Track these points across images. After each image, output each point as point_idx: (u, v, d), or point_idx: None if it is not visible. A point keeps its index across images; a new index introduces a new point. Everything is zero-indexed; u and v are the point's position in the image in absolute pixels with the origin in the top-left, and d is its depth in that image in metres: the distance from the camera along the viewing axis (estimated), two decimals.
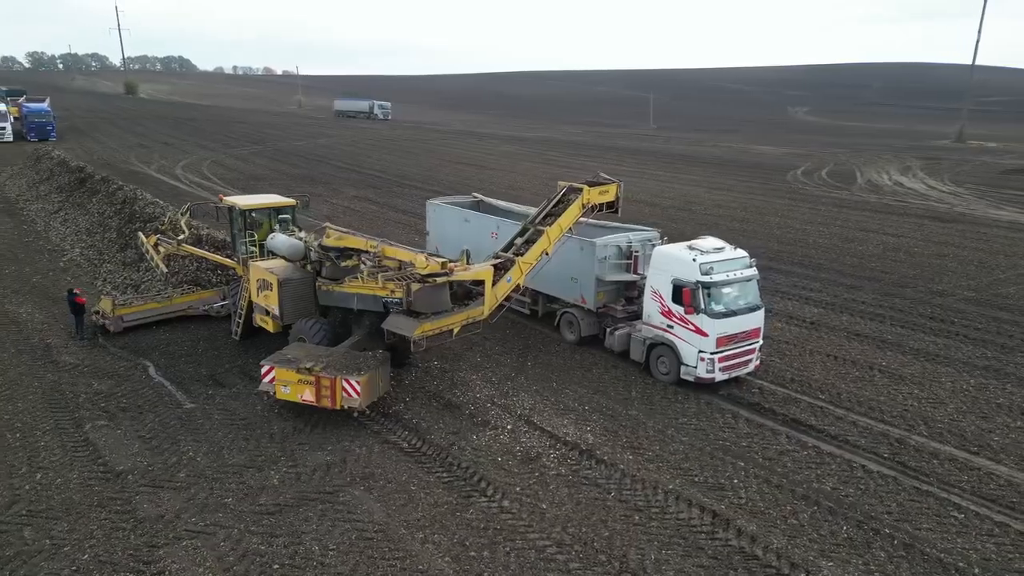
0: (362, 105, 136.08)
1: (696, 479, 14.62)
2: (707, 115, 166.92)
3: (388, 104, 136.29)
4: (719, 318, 18.35)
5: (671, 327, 19.12)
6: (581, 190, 20.24)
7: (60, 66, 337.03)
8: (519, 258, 18.86)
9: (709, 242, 19.64)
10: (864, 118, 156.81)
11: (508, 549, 12.27)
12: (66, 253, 31.89)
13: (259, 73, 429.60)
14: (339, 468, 14.66)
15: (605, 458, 15.29)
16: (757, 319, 19.24)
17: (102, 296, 23.10)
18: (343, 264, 18.92)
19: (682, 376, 18.89)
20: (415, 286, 16.73)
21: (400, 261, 17.85)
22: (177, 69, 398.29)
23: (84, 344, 21.18)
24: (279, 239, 19.73)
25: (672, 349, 19.07)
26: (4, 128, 74.85)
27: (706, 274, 18.33)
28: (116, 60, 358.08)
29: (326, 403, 16.02)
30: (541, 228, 19.57)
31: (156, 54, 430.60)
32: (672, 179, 61.45)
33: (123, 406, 17.21)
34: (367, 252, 18.38)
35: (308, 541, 12.26)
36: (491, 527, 12.85)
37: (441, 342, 17.72)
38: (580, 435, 16.27)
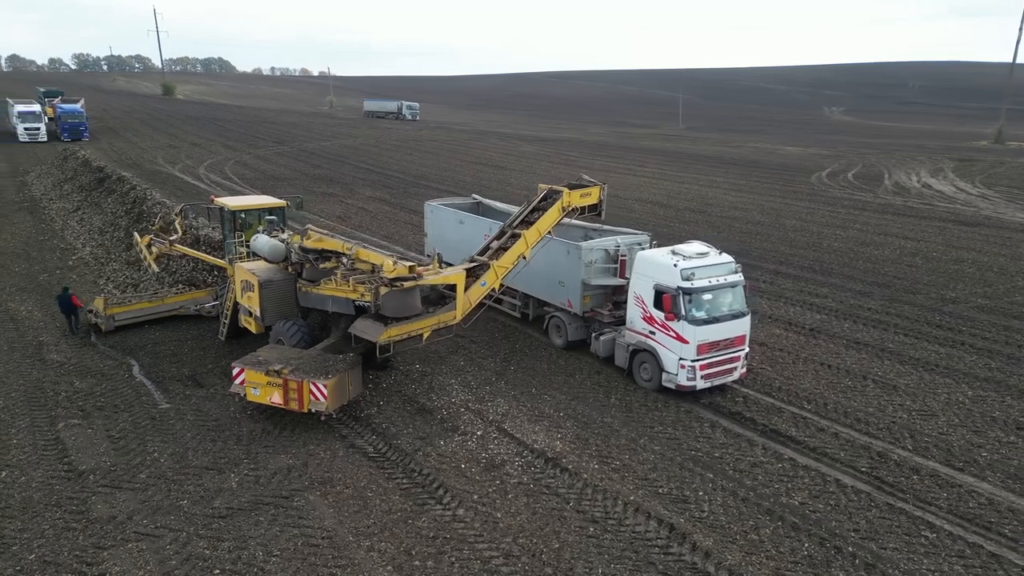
0: (391, 106, 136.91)
1: (660, 490, 14.25)
2: (738, 115, 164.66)
3: (416, 105, 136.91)
4: (700, 325, 17.90)
5: (653, 333, 18.72)
6: (561, 193, 19.98)
7: (104, 68, 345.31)
8: (494, 262, 18.65)
9: (693, 247, 19.20)
10: (902, 118, 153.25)
11: (454, 559, 12.05)
12: (76, 252, 32.49)
13: (296, 74, 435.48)
14: (299, 472, 14.59)
15: (570, 467, 14.98)
16: (742, 326, 18.73)
17: (95, 296, 23.34)
18: (322, 266, 18.89)
19: (663, 383, 18.47)
20: (383, 290, 16.60)
21: (372, 264, 17.75)
22: (217, 70, 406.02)
23: (77, 341, 21.47)
24: (261, 240, 19.77)
25: (654, 356, 18.67)
26: (39, 128, 76.73)
27: (687, 279, 17.90)
28: (158, 62, 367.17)
29: (294, 406, 15.98)
30: (518, 232, 19.35)
31: (197, 55, 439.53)
32: (692, 180, 60.59)
33: (100, 405, 17.38)
34: (344, 254, 18.33)
35: (253, 546, 12.19)
36: (441, 536, 12.65)
37: (411, 346, 17.60)
38: (549, 443, 15.99)
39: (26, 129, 75.88)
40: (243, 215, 22.32)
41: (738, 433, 16.72)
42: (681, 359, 18.03)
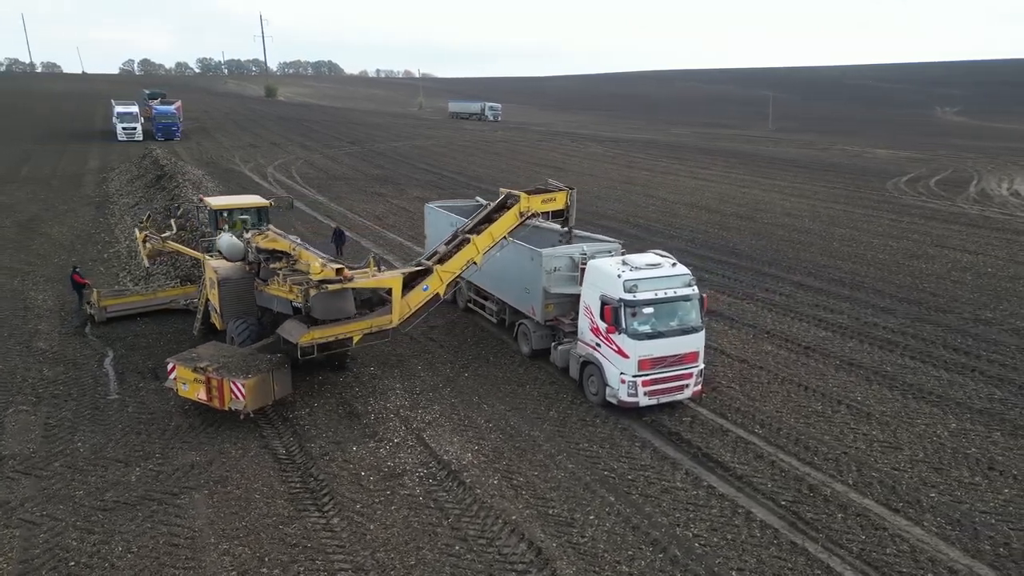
0: (474, 107, 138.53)
1: (551, 511, 13.58)
2: (839, 116, 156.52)
3: (499, 106, 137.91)
4: (642, 339, 16.98)
5: (599, 346, 17.94)
6: (519, 198, 19.47)
7: (224, 71, 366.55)
8: (438, 267, 18.37)
9: (645, 257, 18.28)
10: (1022, 120, 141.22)
11: (303, 569, 11.88)
12: (115, 245, 34.48)
13: (399, 76, 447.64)
14: (201, 470, 14.81)
15: (468, 481, 14.52)
16: (693, 342, 17.61)
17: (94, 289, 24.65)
18: (272, 266, 19.16)
19: (607, 398, 17.67)
20: (312, 291, 16.64)
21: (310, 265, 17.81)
22: (326, 73, 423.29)
23: (69, 330, 22.73)
24: (223, 239, 20.27)
25: (600, 368, 17.89)
26: (135, 128, 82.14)
27: (629, 291, 17.02)
28: (272, 65, 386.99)
29: (216, 403, 16.26)
30: (468, 236, 18.99)
31: (308, 59, 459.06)
32: (754, 184, 58.03)
33: (55, 393, 18.28)
34: (290, 255, 18.53)
35: (116, 542, 12.43)
36: (302, 544, 12.52)
37: (340, 349, 17.57)
38: (460, 455, 15.56)
39: (124, 128, 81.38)
40: (225, 213, 22.99)
41: (666, 455, 15.74)
42: (622, 374, 17.18)
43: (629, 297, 16.98)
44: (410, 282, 18.46)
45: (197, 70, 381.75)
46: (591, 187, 55.62)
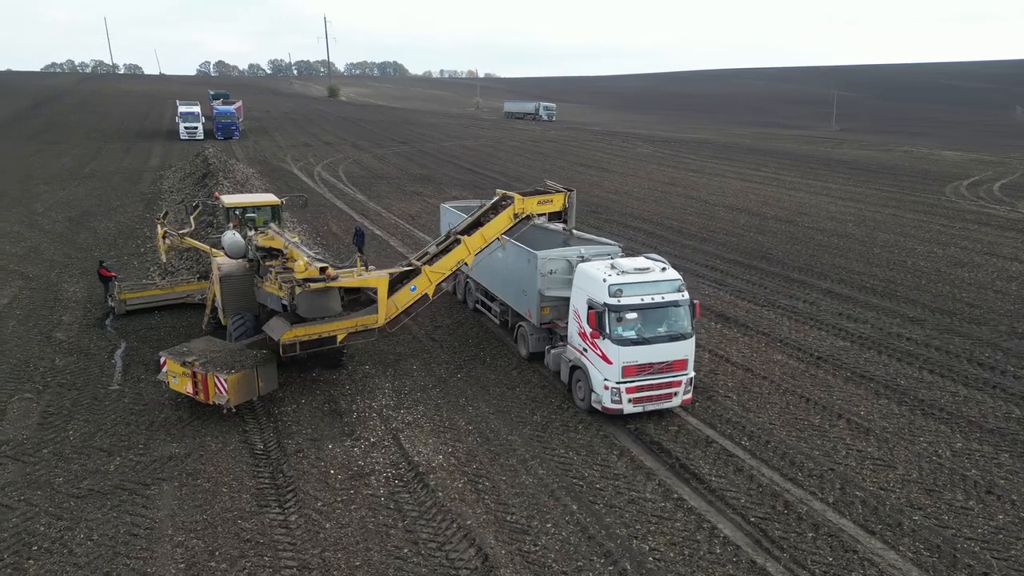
0: (528, 107, 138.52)
1: (508, 518, 13.39)
2: (910, 116, 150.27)
3: (552, 106, 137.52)
4: (626, 345, 16.58)
5: (585, 351, 17.63)
6: (513, 199, 19.30)
7: (294, 72, 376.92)
8: (426, 267, 18.36)
9: (635, 261, 17.85)
10: None
11: (250, 564, 12.01)
12: (153, 240, 35.70)
13: (462, 76, 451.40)
14: (178, 462, 15.16)
15: (432, 483, 14.44)
16: (681, 349, 17.09)
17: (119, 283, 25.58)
18: (267, 264, 19.49)
19: (592, 404, 17.34)
20: (297, 289, 16.86)
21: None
22: (391, 74, 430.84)
23: (90, 321, 23.65)
24: (226, 236, 20.73)
25: (586, 374, 17.58)
26: (196, 127, 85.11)
27: (613, 296, 16.65)
28: (340, 66, 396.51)
29: (201, 397, 16.64)
30: (459, 237, 18.91)
31: (375, 60, 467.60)
32: (802, 186, 56.19)
33: (61, 382, 19.02)
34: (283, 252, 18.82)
35: (80, 529, 12.83)
36: (255, 540, 12.66)
37: (323, 347, 17.73)
38: (432, 457, 15.50)
39: (186, 128, 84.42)
40: (238, 211, 23.54)
41: (642, 465, 15.33)
42: (605, 380, 16.82)
43: (613, 302, 16.61)
44: (400, 282, 18.54)
45: (268, 71, 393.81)
46: (631, 187, 54.90)
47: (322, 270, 16.75)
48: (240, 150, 75.01)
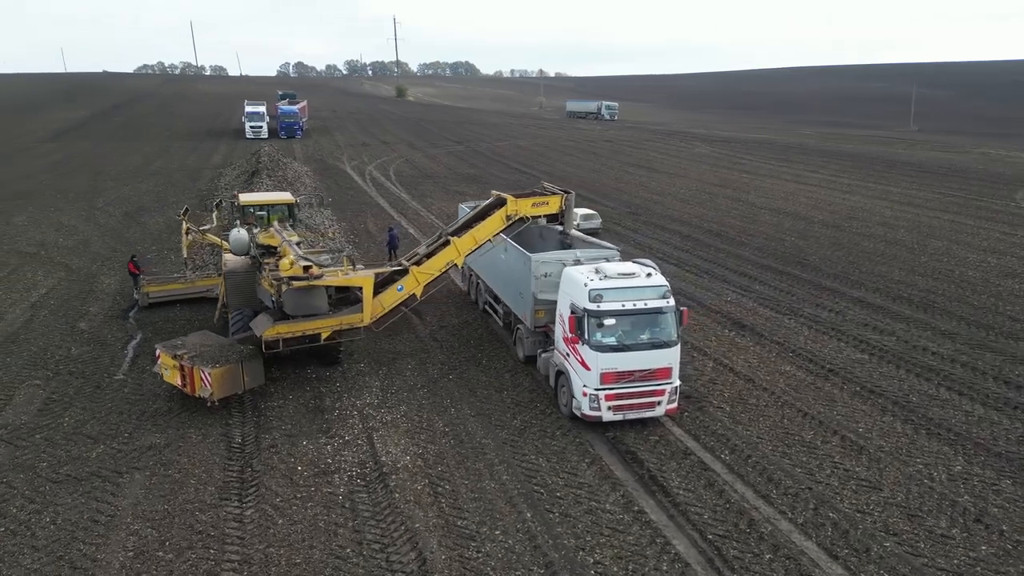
0: (591, 106, 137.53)
1: (459, 522, 13.26)
2: (998, 115, 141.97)
3: (615, 105, 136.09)
4: (605, 351, 16.21)
5: (568, 356, 17.33)
6: (506, 200, 19.15)
7: (369, 72, 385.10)
8: (414, 268, 18.40)
9: (620, 266, 17.45)
10: None
11: (194, 556, 12.27)
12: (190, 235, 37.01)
13: (532, 75, 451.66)
14: (155, 451, 15.63)
15: (392, 484, 14.45)
16: (665, 357, 16.58)
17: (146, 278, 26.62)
18: (264, 261, 19.92)
19: (573, 410, 17.03)
20: (284, 287, 17.17)
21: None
22: (463, 74, 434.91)
23: (116, 312, 24.69)
24: (232, 234, 21.27)
25: (568, 379, 17.28)
26: (261, 126, 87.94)
27: (593, 301, 16.30)
28: (413, 66, 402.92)
29: (188, 390, 17.13)
30: (450, 238, 18.87)
31: (447, 60, 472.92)
32: (859, 190, 53.84)
33: (71, 370, 19.92)
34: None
35: (47, 513, 13.36)
36: (206, 532, 12.92)
37: (306, 345, 17.97)
38: (399, 457, 15.51)
39: (251, 127, 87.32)
40: (252, 209, 24.14)
41: (611, 475, 14.95)
42: (585, 386, 16.49)
43: (593, 307, 16.26)
44: (390, 281, 18.65)
45: (344, 72, 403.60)
46: (677, 189, 53.78)
47: (306, 268, 17.01)
48: (299, 148, 77.02)
